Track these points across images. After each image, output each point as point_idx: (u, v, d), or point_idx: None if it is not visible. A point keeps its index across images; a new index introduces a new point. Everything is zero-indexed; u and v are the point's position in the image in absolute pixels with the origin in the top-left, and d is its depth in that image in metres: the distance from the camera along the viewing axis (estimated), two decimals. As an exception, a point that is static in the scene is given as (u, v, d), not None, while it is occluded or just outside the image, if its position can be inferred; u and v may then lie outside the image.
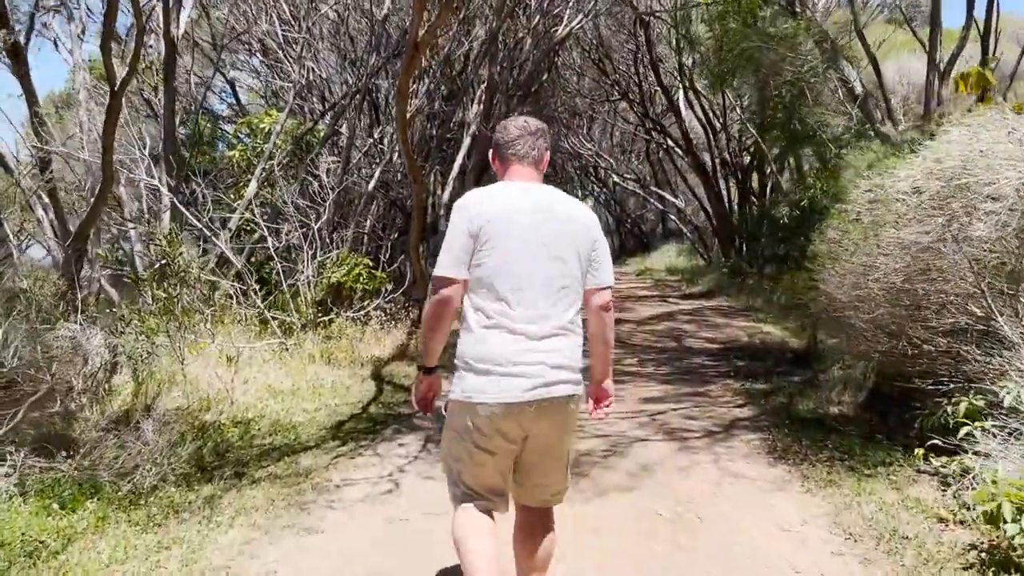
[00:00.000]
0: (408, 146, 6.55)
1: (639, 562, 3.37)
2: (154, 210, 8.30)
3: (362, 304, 8.60)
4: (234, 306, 7.61)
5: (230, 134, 12.13)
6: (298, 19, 10.57)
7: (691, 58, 16.15)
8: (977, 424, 3.66)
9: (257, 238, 9.27)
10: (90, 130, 8.62)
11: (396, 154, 10.27)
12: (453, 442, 2.52)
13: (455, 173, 11.33)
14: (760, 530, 3.66)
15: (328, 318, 7.84)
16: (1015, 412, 3.50)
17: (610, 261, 2.60)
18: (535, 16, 12.69)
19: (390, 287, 8.78)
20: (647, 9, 15.20)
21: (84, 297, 7.40)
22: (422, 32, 5.43)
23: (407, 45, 5.96)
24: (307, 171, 9.35)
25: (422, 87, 10.19)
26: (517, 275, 2.38)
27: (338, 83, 11.76)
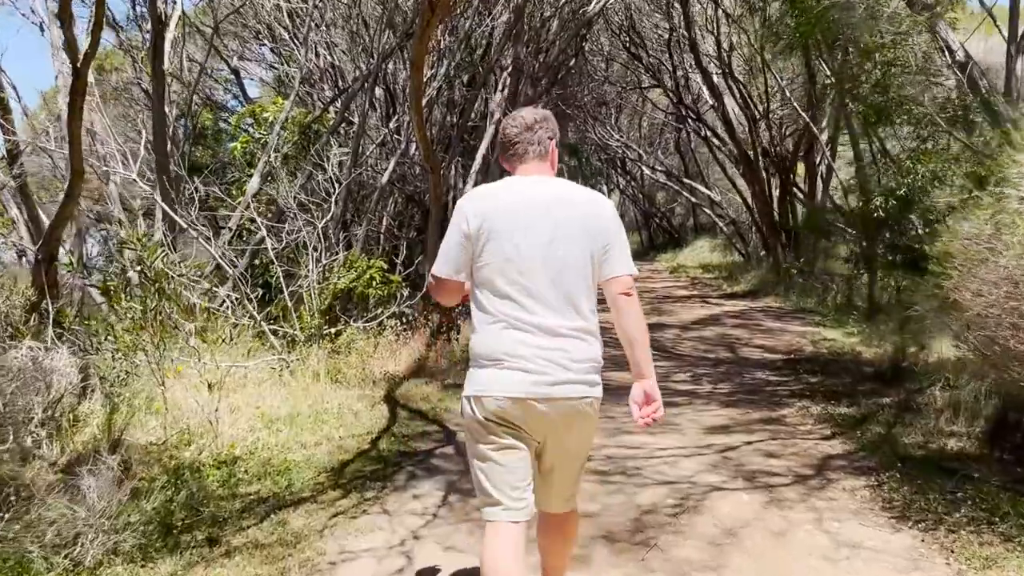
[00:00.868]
0: (423, 128, 5.58)
1: None
2: (131, 210, 7.39)
3: (375, 312, 7.63)
4: (229, 317, 6.66)
5: (232, 125, 11.21)
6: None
7: (730, 39, 15.03)
8: None
9: (259, 239, 8.36)
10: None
11: (413, 144, 9.29)
12: (471, 444, 2.42)
13: (477, 166, 10.33)
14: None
15: (335, 329, 6.88)
16: None
17: (627, 249, 2.42)
18: (562, -7, 11.64)
19: (406, 292, 7.80)
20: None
21: (61, 307, 6.51)
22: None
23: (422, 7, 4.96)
24: (314, 164, 8.39)
25: (440, 69, 9.18)
26: (521, 272, 2.30)
27: (351, 70, 10.82)
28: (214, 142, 11.23)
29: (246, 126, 10.11)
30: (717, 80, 14.00)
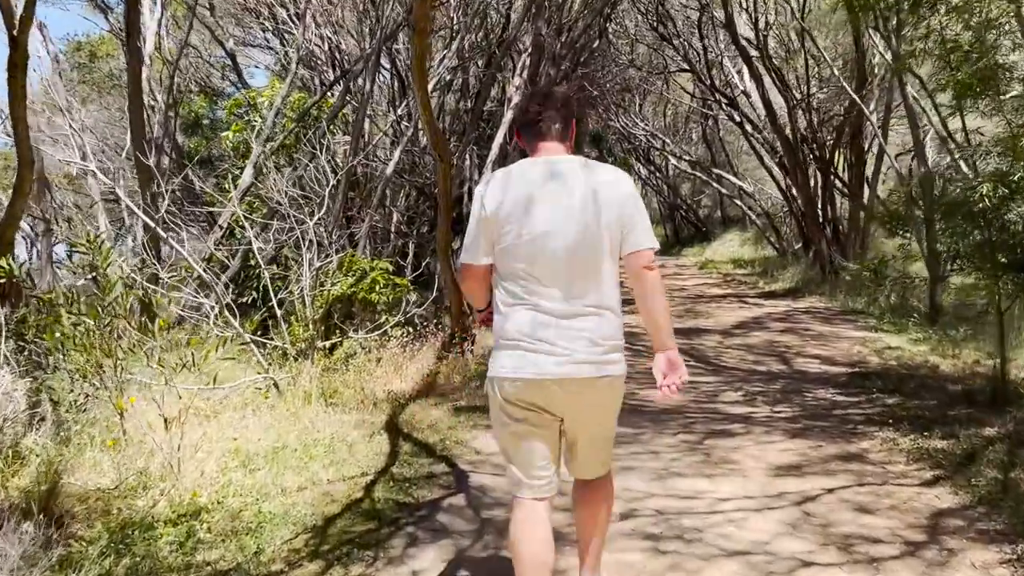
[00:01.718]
0: (428, 106, 4.66)
1: None
2: (88, 212, 6.53)
3: (379, 321, 6.73)
4: (208, 329, 5.80)
5: (225, 110, 10.35)
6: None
7: (766, 17, 13.98)
8: None
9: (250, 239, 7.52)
10: (42, 109, 6.87)
11: (422, 132, 8.38)
12: (496, 424, 2.49)
13: (494, 155, 9.40)
14: None
15: (330, 342, 5.99)
16: None
17: (648, 222, 2.37)
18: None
19: (412, 297, 6.90)
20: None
21: (22, 318, 5.68)
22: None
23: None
24: (312, 153, 7.49)
25: (453, 45, 8.25)
26: (538, 253, 2.30)
27: (356, 50, 9.91)
28: (210, 131, 10.39)
29: (241, 112, 9.24)
30: (755, 62, 12.93)
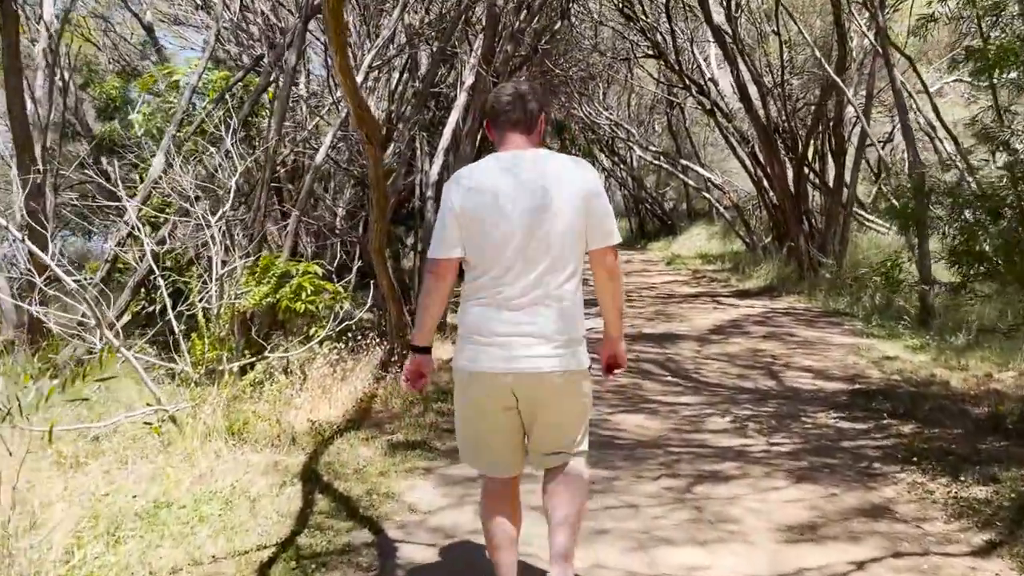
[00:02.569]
0: (348, 68, 3.65)
1: None
2: None
3: (307, 334, 5.74)
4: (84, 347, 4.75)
5: (135, 89, 9.19)
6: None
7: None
8: None
9: (160, 239, 6.46)
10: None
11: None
12: (456, 409, 2.57)
13: (446, 142, 8.42)
14: None
15: (239, 364, 4.97)
16: None
17: (612, 219, 2.44)
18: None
19: (346, 305, 5.90)
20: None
21: None
22: None
23: None
24: (220, 137, 6.41)
25: (394, 12, 7.23)
26: (499, 247, 2.34)
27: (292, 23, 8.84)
28: (125, 115, 9.25)
29: (157, 91, 8.11)
30: (728, 45, 12.12)
